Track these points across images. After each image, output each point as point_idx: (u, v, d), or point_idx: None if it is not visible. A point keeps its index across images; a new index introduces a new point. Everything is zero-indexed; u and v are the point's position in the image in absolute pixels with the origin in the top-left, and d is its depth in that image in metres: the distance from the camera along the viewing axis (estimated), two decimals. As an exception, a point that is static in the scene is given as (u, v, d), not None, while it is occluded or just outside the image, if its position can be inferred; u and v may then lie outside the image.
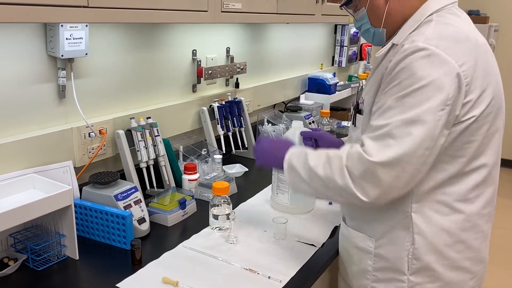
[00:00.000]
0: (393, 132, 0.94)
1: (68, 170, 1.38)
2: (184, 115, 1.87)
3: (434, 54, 0.94)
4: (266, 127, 2.32)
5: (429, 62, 0.93)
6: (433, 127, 0.93)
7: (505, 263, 3.13)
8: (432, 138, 0.94)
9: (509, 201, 4.08)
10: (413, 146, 0.93)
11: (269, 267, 1.19)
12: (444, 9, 1.05)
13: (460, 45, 0.97)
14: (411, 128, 0.93)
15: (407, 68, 0.95)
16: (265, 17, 1.76)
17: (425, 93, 0.93)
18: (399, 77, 0.96)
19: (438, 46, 0.94)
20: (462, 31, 1.00)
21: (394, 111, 0.95)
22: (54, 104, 1.40)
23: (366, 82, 1.14)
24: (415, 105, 0.93)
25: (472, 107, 0.97)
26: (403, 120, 0.93)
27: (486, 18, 4.59)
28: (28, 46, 1.30)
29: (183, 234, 1.37)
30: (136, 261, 1.20)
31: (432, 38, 0.97)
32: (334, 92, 2.77)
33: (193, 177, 1.63)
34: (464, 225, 1.03)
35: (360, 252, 1.14)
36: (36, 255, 1.18)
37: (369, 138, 0.97)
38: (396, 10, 1.08)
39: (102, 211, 1.28)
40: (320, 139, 1.43)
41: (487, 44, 1.05)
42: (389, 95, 0.97)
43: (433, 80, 0.92)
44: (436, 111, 0.92)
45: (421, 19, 1.04)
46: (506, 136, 1.17)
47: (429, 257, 1.04)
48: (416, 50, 0.95)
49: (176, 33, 1.81)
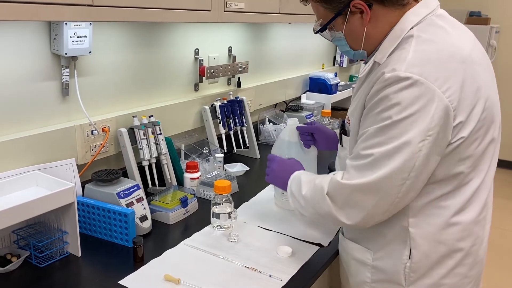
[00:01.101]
0: (373, 163, 0.96)
1: (71, 167, 1.38)
2: (186, 113, 1.88)
3: (417, 84, 0.91)
4: (267, 126, 2.32)
5: (411, 92, 0.91)
6: (411, 159, 0.92)
7: (504, 263, 3.13)
8: (409, 169, 0.93)
9: (508, 202, 4.09)
10: (390, 175, 0.94)
11: (270, 265, 1.20)
12: (424, 20, 1.00)
13: (444, 67, 0.93)
14: (389, 159, 0.94)
15: (388, 98, 0.93)
16: (267, 17, 1.76)
17: (405, 125, 0.91)
18: (380, 105, 0.94)
19: (421, 74, 0.91)
20: (445, 49, 0.96)
21: (375, 141, 0.96)
22: (57, 101, 1.41)
23: (351, 99, 1.13)
24: (395, 136, 0.93)
25: (461, 129, 0.95)
26: (383, 153, 0.94)
27: (487, 20, 4.59)
28: (32, 44, 1.31)
29: (184, 232, 1.38)
30: (138, 258, 1.20)
31: (414, 64, 0.93)
32: (335, 92, 2.78)
33: (194, 175, 1.64)
34: (461, 235, 1.02)
35: (358, 263, 1.14)
36: (38, 252, 1.19)
37: (352, 167, 1.00)
38: (375, 33, 1.03)
39: (104, 209, 1.29)
40: (316, 132, 1.46)
41: (473, 52, 1.00)
42: (371, 122, 0.97)
43: (414, 112, 0.91)
44: (415, 143, 0.91)
45: (401, 35, 1.00)
46: (504, 138, 1.17)
47: (426, 268, 1.03)
48: (398, 80, 0.92)
49: (179, 32, 1.81)
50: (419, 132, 0.91)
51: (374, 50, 1.06)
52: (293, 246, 1.29)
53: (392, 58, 0.98)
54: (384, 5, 1.01)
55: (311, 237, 1.35)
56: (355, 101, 1.09)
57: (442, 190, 1.00)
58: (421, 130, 0.91)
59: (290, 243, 1.31)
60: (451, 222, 1.02)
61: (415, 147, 0.92)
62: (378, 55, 1.02)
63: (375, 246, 1.10)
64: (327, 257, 1.27)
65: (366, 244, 1.12)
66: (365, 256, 1.12)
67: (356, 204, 0.99)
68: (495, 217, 1.13)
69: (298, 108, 2.48)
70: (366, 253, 1.12)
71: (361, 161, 0.98)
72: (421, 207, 1.02)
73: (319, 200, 1.05)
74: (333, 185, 1.03)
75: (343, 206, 1.01)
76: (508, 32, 4.71)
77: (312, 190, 1.08)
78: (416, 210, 1.02)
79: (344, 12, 1.03)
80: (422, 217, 1.02)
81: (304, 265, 1.21)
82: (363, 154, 0.98)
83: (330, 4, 1.04)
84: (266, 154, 2.15)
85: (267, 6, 1.74)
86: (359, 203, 0.99)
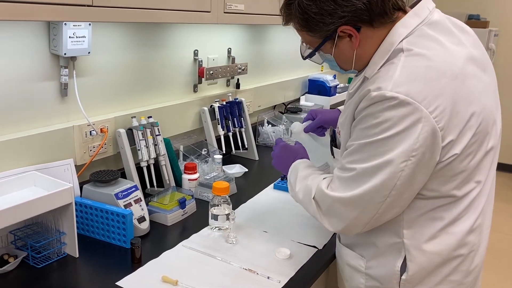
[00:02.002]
0: (356, 178, 0.96)
1: (69, 168, 1.38)
2: (185, 115, 1.88)
3: (403, 103, 0.88)
4: (266, 128, 2.32)
5: (397, 112, 0.89)
6: (391, 178, 0.92)
7: (502, 267, 3.14)
8: (389, 187, 0.93)
9: (508, 206, 4.09)
10: (370, 192, 0.94)
11: (268, 267, 1.20)
12: (415, 32, 0.97)
13: (433, 85, 0.90)
14: (371, 176, 0.94)
15: (374, 116, 0.92)
16: (267, 19, 1.76)
17: (389, 144, 0.91)
18: (366, 122, 0.94)
19: (408, 94, 0.88)
20: (435, 65, 0.92)
21: (359, 156, 0.96)
22: (56, 102, 1.41)
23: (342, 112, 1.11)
24: (377, 154, 0.92)
25: (453, 147, 0.92)
26: (365, 169, 0.95)
27: (486, 23, 4.60)
28: (31, 44, 1.30)
29: (182, 233, 1.37)
30: (136, 259, 1.20)
31: (400, 83, 0.89)
32: (334, 94, 2.78)
33: (193, 176, 1.64)
34: (457, 244, 1.01)
35: (352, 269, 1.14)
36: (36, 252, 1.19)
37: (338, 178, 1.02)
38: (366, 52, 1.00)
39: (102, 210, 1.29)
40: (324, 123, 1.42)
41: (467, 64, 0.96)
42: (356, 136, 0.97)
43: (398, 132, 0.89)
44: (397, 163, 0.91)
45: (391, 49, 0.97)
46: (504, 140, 1.16)
47: (421, 278, 1.02)
48: (383, 99, 0.90)
49: (178, 33, 1.81)
50: (401, 152, 0.90)
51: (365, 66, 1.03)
52: (291, 248, 1.29)
53: (379, 74, 0.95)
54: (373, 27, 0.97)
55: (306, 240, 1.35)
56: (344, 112, 1.07)
57: (436, 204, 0.99)
58: (404, 151, 0.90)
59: (288, 245, 1.31)
60: (447, 232, 1.00)
61: (397, 167, 0.91)
62: (368, 70, 0.99)
63: (368, 254, 1.09)
64: (325, 260, 1.26)
65: (360, 251, 1.12)
66: (358, 263, 1.11)
67: (338, 214, 1.01)
68: (494, 220, 1.12)
69: (297, 110, 2.48)
70: (359, 260, 1.11)
71: (345, 173, 0.99)
72: (415, 218, 1.00)
73: (307, 202, 1.08)
74: (318, 192, 1.05)
75: (326, 213, 1.04)
76: (507, 35, 4.73)
77: (303, 190, 1.10)
78: (411, 222, 1.01)
79: (332, 37, 1.00)
80: (416, 229, 1.01)
81: (302, 267, 1.21)
82: (347, 167, 0.99)
83: (316, 32, 1.01)
84: (264, 155, 2.15)
85: (267, 7, 1.74)
86: (340, 213, 1.00)
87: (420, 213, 1.00)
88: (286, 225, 1.44)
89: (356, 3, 0.94)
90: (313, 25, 1.00)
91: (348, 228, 1.02)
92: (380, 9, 0.95)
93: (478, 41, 1.05)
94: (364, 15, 0.95)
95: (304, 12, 0.99)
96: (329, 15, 0.96)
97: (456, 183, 0.97)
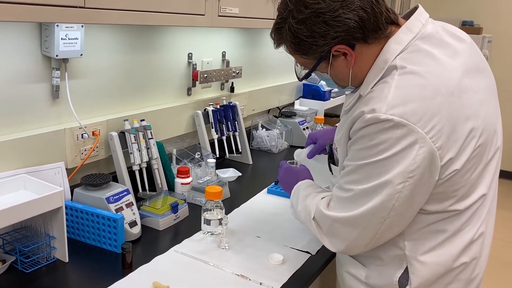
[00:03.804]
0: (354, 198, 0.96)
1: (60, 171, 1.36)
2: (178, 118, 1.87)
3: (398, 125, 0.87)
4: (260, 132, 2.32)
5: (392, 134, 0.88)
6: (389, 200, 0.91)
7: (502, 275, 3.12)
8: (387, 209, 0.92)
9: (506, 213, 4.09)
10: (368, 213, 0.94)
11: (261, 273, 1.18)
12: (408, 47, 0.95)
13: (429, 105, 0.88)
14: (369, 197, 0.93)
15: (369, 138, 0.91)
16: (262, 23, 1.76)
17: (385, 165, 0.90)
18: (361, 143, 0.93)
19: (402, 116, 0.87)
20: (430, 83, 0.90)
21: (355, 177, 0.96)
22: (47, 104, 1.39)
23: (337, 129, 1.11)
24: (374, 176, 0.92)
25: (452, 163, 0.91)
26: (363, 190, 0.94)
27: (479, 29, 4.63)
28: (23, 45, 1.29)
29: (174, 238, 1.36)
30: (127, 264, 1.18)
31: (394, 105, 0.88)
32: (328, 98, 2.78)
33: (186, 180, 1.62)
34: (458, 254, 1.00)
35: (351, 277, 1.13)
36: (25, 257, 1.17)
37: (336, 198, 1.02)
38: (361, 68, 0.99)
39: (93, 214, 1.27)
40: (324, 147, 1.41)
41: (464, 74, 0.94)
42: (352, 157, 0.97)
43: (394, 153, 0.88)
44: (394, 184, 0.90)
45: (384, 66, 0.95)
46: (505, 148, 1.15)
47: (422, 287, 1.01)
48: (378, 121, 0.89)
49: (172, 36, 1.80)
50: (399, 174, 0.89)
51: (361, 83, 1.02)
52: (284, 253, 1.28)
53: (373, 94, 0.94)
54: (368, 43, 0.96)
55: (299, 245, 1.34)
56: (340, 130, 1.06)
57: (438, 218, 0.98)
58: (401, 172, 0.89)
59: (281, 251, 1.29)
60: (449, 243, 0.99)
61: (394, 189, 0.90)
62: (363, 89, 0.99)
63: (370, 264, 1.08)
64: (318, 265, 1.25)
65: (361, 260, 1.11)
66: (359, 272, 1.10)
67: (338, 234, 1.01)
68: (495, 228, 1.11)
69: (291, 114, 2.47)
70: (360, 269, 1.10)
71: (343, 193, 0.99)
72: (417, 231, 0.99)
73: (308, 222, 1.08)
74: (318, 213, 1.05)
75: (327, 233, 1.03)
76: (500, 41, 4.76)
77: (304, 211, 1.11)
78: (412, 234, 1.00)
79: (326, 57, 0.98)
80: (418, 241, 1.00)
81: (295, 273, 1.20)
82: (345, 188, 0.99)
83: (310, 55, 0.99)
84: (258, 159, 2.15)
85: (262, 11, 1.74)
86: (341, 233, 1.00)
87: (421, 226, 0.99)
88: (279, 230, 1.43)
89: (348, 22, 0.92)
90: (306, 48, 0.98)
91: (349, 248, 1.01)
92: (373, 25, 0.94)
93: (474, 46, 1.04)
94: (357, 33, 0.94)
95: (296, 36, 0.97)
96: (321, 37, 0.94)
97: (458, 197, 0.96)
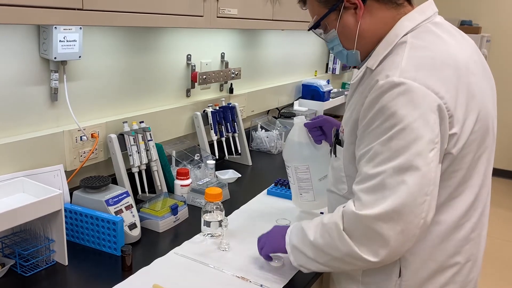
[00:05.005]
0: (386, 182, 0.88)
1: (59, 174, 1.36)
2: (177, 120, 1.86)
3: (412, 89, 0.87)
4: (259, 133, 2.31)
5: (407, 99, 0.87)
6: (427, 172, 0.87)
7: (499, 274, 3.13)
8: (429, 182, 0.88)
9: (504, 212, 4.10)
10: (410, 195, 0.87)
11: (261, 275, 1.18)
12: (419, 27, 0.98)
13: (438, 74, 0.90)
14: (404, 176, 0.87)
15: (385, 108, 0.89)
16: (261, 23, 1.75)
17: (410, 134, 0.86)
18: (378, 118, 0.90)
19: (415, 79, 0.88)
20: (439, 56, 0.93)
21: (382, 157, 0.89)
22: (46, 106, 1.39)
23: (345, 106, 1.10)
24: (402, 149, 0.87)
25: (457, 140, 0.92)
26: (394, 168, 0.87)
27: (478, 29, 4.64)
28: (21, 47, 1.28)
29: (174, 240, 1.35)
30: (127, 267, 1.18)
31: (407, 70, 0.89)
32: (327, 99, 2.78)
33: (185, 182, 1.62)
34: (453, 251, 1.00)
35: (347, 277, 1.12)
36: (24, 260, 1.16)
37: (362, 192, 0.92)
38: (368, 31, 1.01)
39: (92, 216, 1.26)
40: (324, 124, 1.40)
41: (469, 61, 0.97)
42: (373, 137, 0.91)
43: (415, 119, 0.86)
44: (426, 153, 0.87)
45: (395, 40, 0.97)
46: (500, 147, 1.15)
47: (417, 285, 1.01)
48: (392, 86, 0.88)
49: (171, 38, 1.80)
50: (427, 142, 0.87)
51: (367, 56, 1.04)
52: (285, 255, 1.27)
53: (385, 64, 0.96)
54: (378, 1, 0.99)
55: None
56: (349, 109, 1.06)
57: None
58: (429, 140, 0.87)
59: (281, 252, 1.29)
60: (442, 238, 0.99)
61: (427, 158, 0.87)
62: (371, 61, 1.00)
63: None
64: (319, 266, 1.25)
65: None
66: (355, 271, 1.09)
67: (380, 235, 0.89)
68: (490, 226, 1.11)
69: (291, 115, 2.47)
70: None
71: (371, 182, 0.90)
72: None
73: (335, 239, 0.94)
74: (348, 218, 0.93)
75: (364, 241, 0.91)
76: (499, 41, 4.76)
77: (323, 232, 0.98)
78: None
79: (338, 8, 1.01)
80: None
81: (295, 275, 1.19)
82: (372, 173, 0.90)
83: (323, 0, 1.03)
84: (258, 160, 2.14)
85: (260, 12, 1.73)
86: (382, 234, 0.89)
87: None
88: (280, 231, 1.42)
89: None
90: None
91: (396, 249, 0.90)
92: None
93: (476, 47, 1.06)
94: None
95: None
96: None
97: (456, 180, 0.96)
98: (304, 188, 1.47)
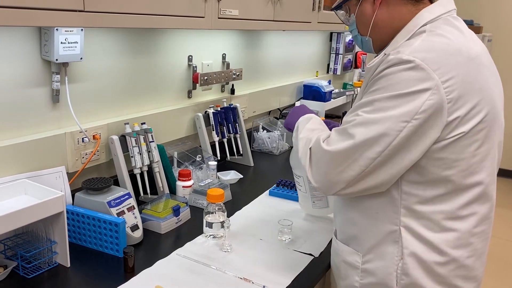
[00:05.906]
0: (351, 129, 0.97)
1: (61, 175, 1.36)
2: (179, 121, 1.86)
3: (417, 68, 0.92)
4: (261, 133, 2.31)
5: (409, 75, 0.92)
6: (388, 134, 0.93)
7: (502, 273, 3.12)
8: (385, 145, 0.93)
9: (507, 211, 4.09)
10: (362, 144, 0.95)
11: (264, 276, 1.18)
12: (439, 19, 1.02)
13: (449, 59, 0.94)
14: (367, 128, 0.95)
15: (386, 77, 0.95)
16: (261, 24, 1.75)
17: (394, 102, 0.93)
18: (378, 83, 0.96)
19: (424, 59, 0.92)
20: (454, 44, 0.97)
21: (362, 109, 0.98)
22: (47, 108, 1.39)
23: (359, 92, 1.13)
24: (380, 109, 0.94)
25: (460, 123, 0.93)
26: (364, 119, 0.96)
27: (479, 28, 4.63)
28: (22, 49, 1.28)
29: (176, 241, 1.35)
30: (129, 269, 1.18)
31: (419, 50, 0.94)
32: (329, 99, 2.77)
33: (187, 183, 1.62)
34: (456, 243, 1.00)
35: (348, 267, 1.12)
36: (26, 262, 1.16)
37: (335, 131, 1.03)
38: (384, 21, 1.06)
39: (94, 218, 1.26)
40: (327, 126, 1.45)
41: (483, 55, 1.01)
42: (365, 96, 1.00)
43: (407, 93, 0.92)
44: (397, 121, 0.92)
45: (414, 29, 1.02)
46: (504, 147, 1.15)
47: (418, 272, 1.01)
48: (399, 62, 0.94)
49: (172, 39, 1.80)
50: (405, 112, 0.91)
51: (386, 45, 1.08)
52: (287, 256, 1.27)
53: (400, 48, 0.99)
54: None
55: (302, 247, 1.33)
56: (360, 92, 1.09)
57: (434, 192, 0.98)
58: (408, 111, 0.91)
59: (284, 253, 1.29)
60: (444, 226, 1.00)
61: (396, 124, 0.92)
62: (389, 48, 1.04)
63: (364, 248, 1.08)
64: (321, 268, 1.25)
65: (355, 247, 1.10)
66: (355, 259, 1.10)
67: (325, 166, 1.01)
68: (494, 227, 1.11)
69: (292, 116, 2.47)
70: (355, 255, 1.10)
71: (343, 125, 1.01)
72: (413, 207, 1.00)
73: (305, 151, 1.08)
74: (315, 144, 1.06)
75: (314, 165, 1.04)
76: (500, 41, 4.75)
77: (305, 139, 1.11)
78: (408, 209, 1.00)
79: None
80: (414, 217, 1.00)
81: (297, 276, 1.19)
82: (347, 119, 1.01)
83: None
84: (259, 161, 2.14)
85: (261, 13, 1.73)
86: (327, 166, 1.00)
87: (417, 200, 0.99)
88: (282, 232, 1.42)
89: None
90: None
91: (331, 182, 1.01)
92: None
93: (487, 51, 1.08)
94: None
95: None
96: None
97: (458, 170, 0.97)
98: (317, 196, 1.48)
